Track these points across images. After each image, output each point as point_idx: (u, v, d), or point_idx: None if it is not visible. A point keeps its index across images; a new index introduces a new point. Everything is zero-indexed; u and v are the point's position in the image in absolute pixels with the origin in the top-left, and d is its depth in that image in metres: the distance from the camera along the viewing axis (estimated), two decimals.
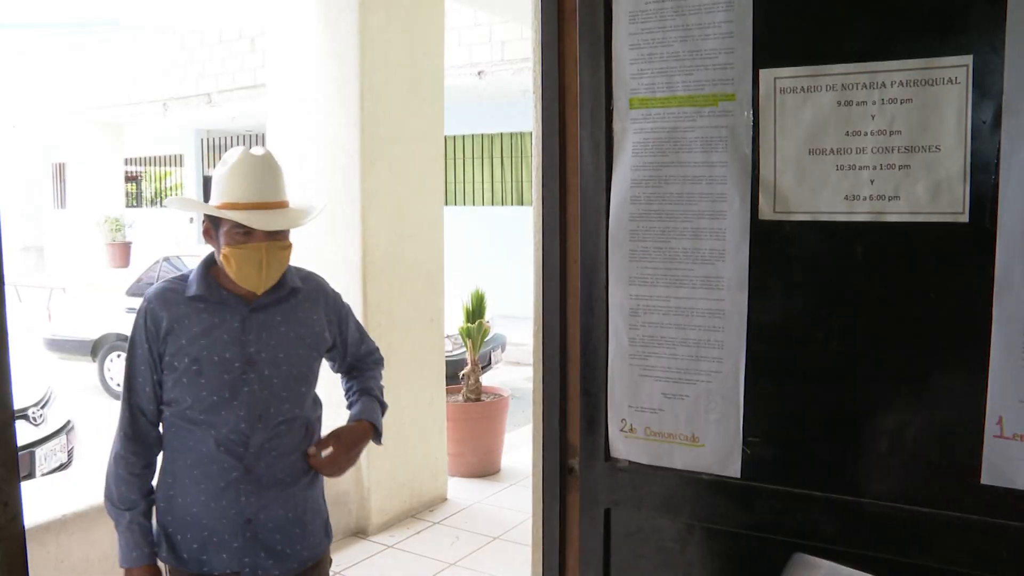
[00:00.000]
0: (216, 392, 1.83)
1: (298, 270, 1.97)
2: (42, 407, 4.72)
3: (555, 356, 1.67)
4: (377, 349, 2.19)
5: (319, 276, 2.06)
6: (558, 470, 1.68)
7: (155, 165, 17.77)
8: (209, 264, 1.92)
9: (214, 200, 1.86)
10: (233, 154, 1.88)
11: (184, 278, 1.93)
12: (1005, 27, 1.19)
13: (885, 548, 1.33)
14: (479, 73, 9.06)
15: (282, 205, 1.87)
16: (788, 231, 1.38)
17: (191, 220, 15.85)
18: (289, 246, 1.87)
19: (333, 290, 2.07)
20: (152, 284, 8.00)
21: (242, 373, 1.84)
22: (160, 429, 1.92)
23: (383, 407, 2.09)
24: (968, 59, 1.23)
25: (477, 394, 5.09)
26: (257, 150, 1.88)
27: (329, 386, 2.12)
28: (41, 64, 13.03)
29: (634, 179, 1.51)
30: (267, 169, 1.86)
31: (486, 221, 11.85)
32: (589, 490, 1.62)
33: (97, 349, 8.22)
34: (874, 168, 1.31)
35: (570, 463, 1.67)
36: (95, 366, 8.23)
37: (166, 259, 8.41)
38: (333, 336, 2.03)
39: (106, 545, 2.68)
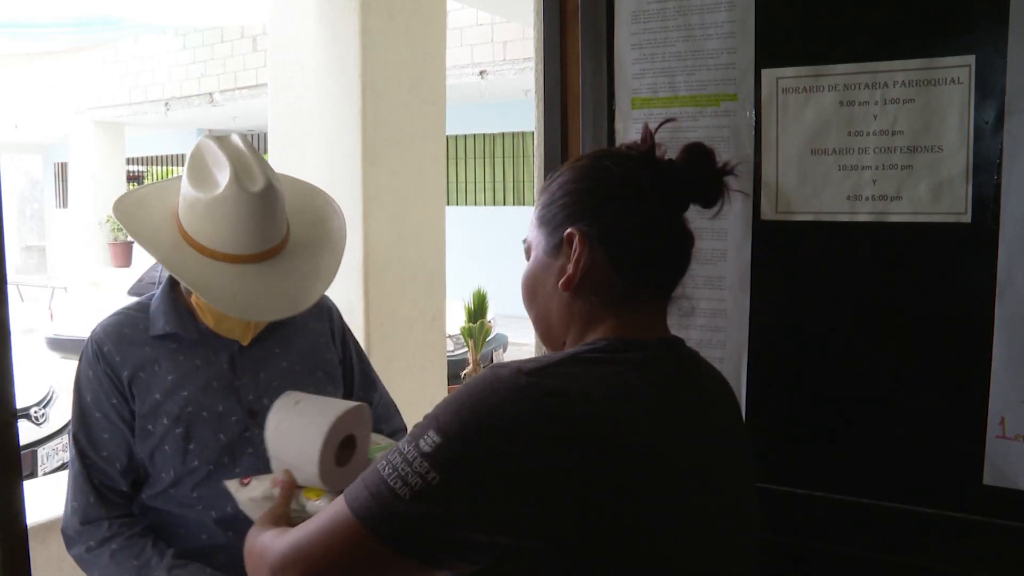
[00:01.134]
0: (212, 460, 1.39)
1: None
2: (44, 406, 4.73)
3: None
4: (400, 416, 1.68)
5: None
6: None
7: (157, 165, 17.79)
8: (176, 284, 1.45)
9: (185, 222, 1.34)
10: (216, 165, 1.33)
11: (143, 308, 1.45)
12: (1008, 27, 1.19)
13: (887, 549, 1.33)
14: (481, 73, 9.06)
15: (283, 245, 1.38)
16: (790, 231, 1.38)
17: None
18: None
19: (334, 304, 1.63)
20: (153, 281, 8.07)
21: (243, 431, 1.40)
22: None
23: None
24: (971, 59, 1.23)
25: None
26: (253, 181, 1.31)
27: None
28: (43, 64, 13.04)
29: None
30: (269, 210, 1.32)
31: (488, 221, 11.86)
32: None
33: None
34: (876, 168, 1.30)
35: None
36: None
37: None
38: (343, 364, 1.59)
39: None
